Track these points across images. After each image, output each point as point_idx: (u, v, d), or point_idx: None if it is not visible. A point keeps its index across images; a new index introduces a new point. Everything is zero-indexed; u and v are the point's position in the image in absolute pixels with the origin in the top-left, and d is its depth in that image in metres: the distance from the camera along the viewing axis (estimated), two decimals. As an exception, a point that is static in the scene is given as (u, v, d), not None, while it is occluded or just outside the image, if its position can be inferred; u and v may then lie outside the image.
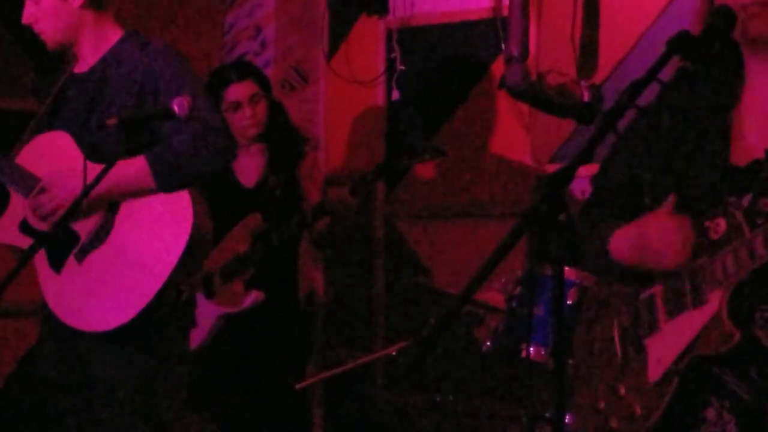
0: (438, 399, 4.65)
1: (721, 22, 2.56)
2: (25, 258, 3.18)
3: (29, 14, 3.70)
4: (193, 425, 4.73)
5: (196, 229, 3.57)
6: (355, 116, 5.71)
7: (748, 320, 2.56)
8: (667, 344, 2.68)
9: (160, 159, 3.54)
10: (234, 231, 4.60)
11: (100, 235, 3.63)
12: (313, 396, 5.41)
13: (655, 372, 2.69)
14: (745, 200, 2.57)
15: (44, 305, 3.76)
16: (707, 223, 2.61)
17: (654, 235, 2.68)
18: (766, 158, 2.59)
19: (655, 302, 2.72)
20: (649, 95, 2.56)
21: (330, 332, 5.66)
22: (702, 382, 2.64)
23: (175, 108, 3.37)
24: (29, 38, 4.13)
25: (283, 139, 4.93)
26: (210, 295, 4.56)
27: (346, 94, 5.71)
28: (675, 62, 2.61)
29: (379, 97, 5.62)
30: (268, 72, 5.21)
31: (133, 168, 3.54)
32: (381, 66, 5.61)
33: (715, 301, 2.57)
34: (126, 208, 3.61)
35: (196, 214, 3.59)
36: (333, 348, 5.56)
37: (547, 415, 3.85)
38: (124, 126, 3.44)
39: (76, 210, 3.41)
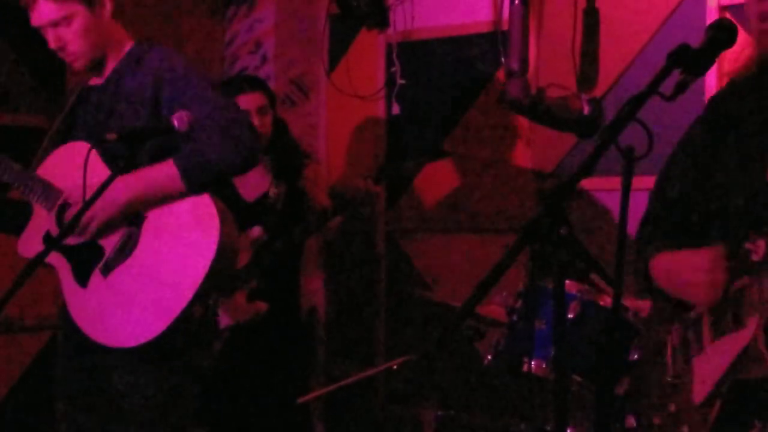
0: (440, 413, 4.65)
1: (722, 35, 2.57)
2: (26, 271, 3.15)
3: (56, 38, 3.64)
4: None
5: (222, 242, 3.55)
6: (356, 130, 5.71)
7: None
8: (711, 366, 2.68)
9: (188, 160, 3.53)
10: (235, 243, 4.61)
11: (126, 249, 3.61)
12: (314, 410, 5.41)
13: (700, 393, 2.70)
14: None
15: (65, 319, 3.74)
16: (748, 245, 2.61)
17: (688, 272, 2.69)
18: None
19: (702, 322, 2.73)
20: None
21: (332, 346, 5.66)
22: (746, 403, 2.65)
23: (175, 123, 3.37)
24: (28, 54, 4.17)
25: (285, 154, 4.96)
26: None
27: (346, 109, 5.72)
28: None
29: (379, 111, 5.63)
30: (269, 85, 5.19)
31: (162, 171, 3.54)
32: (381, 80, 5.62)
33: (752, 325, 2.58)
34: (151, 221, 3.60)
35: (222, 225, 3.56)
36: (335, 362, 5.55)
37: (548, 428, 3.86)
38: (123, 141, 3.45)
39: (77, 221, 3.37)
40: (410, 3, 5.51)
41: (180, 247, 3.57)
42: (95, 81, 3.80)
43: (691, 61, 2.51)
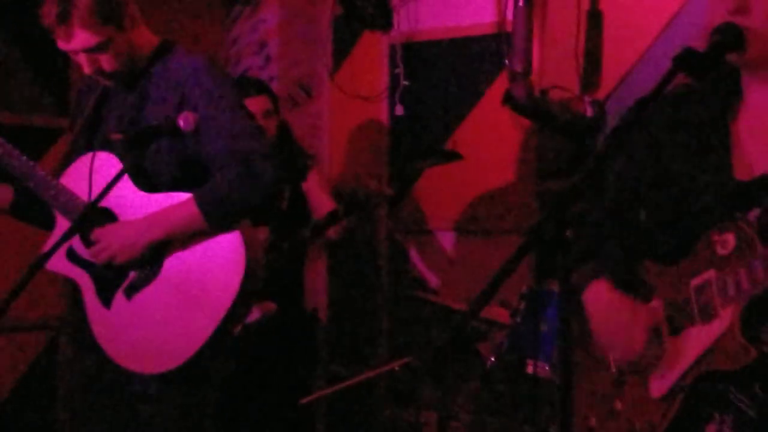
0: (442, 414, 4.66)
1: (728, 38, 2.58)
2: (29, 275, 3.15)
3: (92, 61, 3.58)
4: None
5: (250, 260, 3.53)
6: (359, 131, 5.72)
7: (756, 337, 2.58)
8: (672, 360, 2.69)
9: (208, 199, 3.51)
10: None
11: (151, 273, 3.59)
12: (317, 411, 5.41)
13: (659, 388, 2.70)
14: (752, 216, 2.59)
15: (81, 329, 3.71)
16: (715, 238, 2.62)
17: (608, 318, 2.73)
18: None
19: (656, 317, 2.74)
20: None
21: (334, 347, 5.67)
22: (705, 397, 2.66)
23: (181, 123, 3.38)
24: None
25: (289, 156, 4.96)
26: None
27: (349, 110, 5.73)
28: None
29: (382, 112, 5.64)
30: (273, 87, 5.21)
31: (184, 212, 3.51)
32: (385, 81, 5.63)
33: (727, 316, 2.58)
34: (177, 243, 3.58)
35: (246, 239, 3.56)
36: (337, 363, 5.57)
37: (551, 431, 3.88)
38: (133, 139, 3.46)
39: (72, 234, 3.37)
40: (414, 4, 5.53)
41: (207, 265, 3.56)
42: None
43: (696, 64, 2.53)
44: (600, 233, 2.85)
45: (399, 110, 5.55)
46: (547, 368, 3.75)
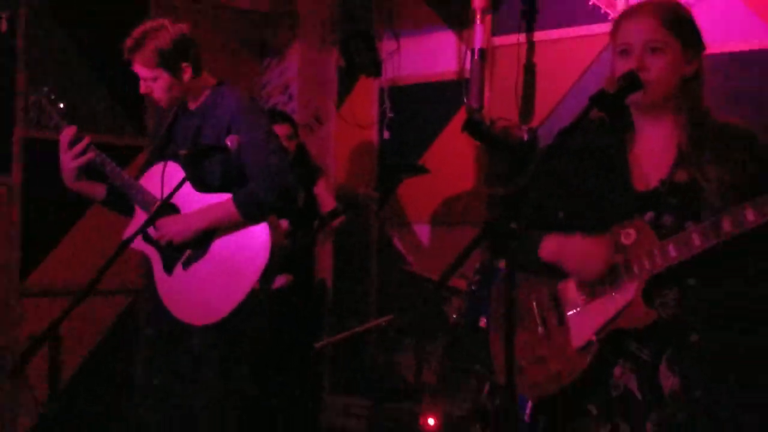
0: (418, 358, 4.66)
1: (631, 83, 2.56)
2: (116, 254, 3.13)
3: (146, 87, 3.63)
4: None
5: (274, 242, 3.56)
6: (356, 150, 5.71)
7: (652, 305, 2.57)
8: (588, 320, 2.67)
9: (243, 200, 3.52)
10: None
11: (203, 250, 3.59)
12: (324, 357, 5.39)
13: (578, 340, 2.68)
14: (648, 217, 2.58)
15: (152, 294, 3.72)
16: (620, 232, 2.61)
17: (582, 248, 2.67)
18: (661, 186, 2.59)
19: (570, 290, 2.72)
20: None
21: (337, 308, 5.66)
22: (612, 348, 2.64)
23: (228, 143, 3.40)
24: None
25: (305, 168, 4.97)
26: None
27: (349, 134, 5.72)
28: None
29: (373, 136, 5.63)
30: (294, 117, 5.22)
31: (226, 209, 3.53)
32: (375, 114, 5.62)
33: (632, 289, 2.56)
34: (220, 228, 3.60)
35: (272, 231, 3.57)
36: (340, 319, 5.55)
37: (491, 372, 3.83)
38: (193, 155, 3.47)
39: (155, 218, 3.44)
40: (397, 58, 5.52)
41: (243, 250, 3.56)
42: (191, 105, 3.75)
43: (606, 102, 2.52)
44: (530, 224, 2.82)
45: (386, 135, 5.56)
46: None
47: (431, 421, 4.46)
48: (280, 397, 4.86)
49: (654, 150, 2.64)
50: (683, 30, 2.59)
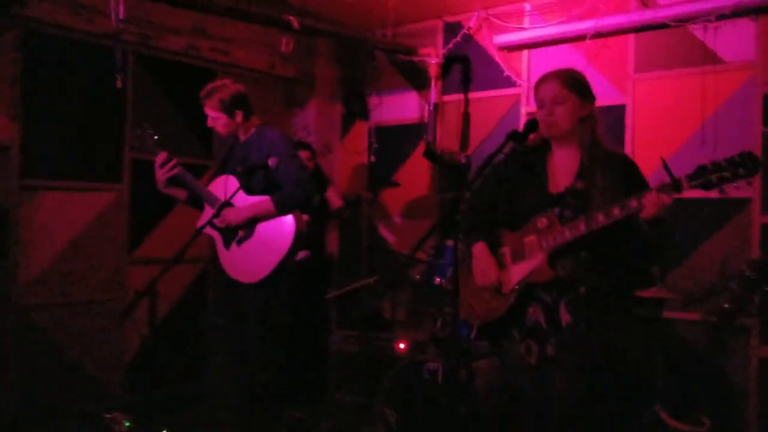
0: (392, 303, 4.63)
1: (532, 126, 2.59)
2: (194, 236, 3.15)
3: (212, 122, 3.65)
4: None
5: (298, 228, 3.54)
6: (353, 168, 5.68)
7: (554, 267, 2.58)
8: (514, 275, 2.70)
9: (279, 200, 3.51)
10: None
11: (250, 232, 3.58)
12: (331, 306, 5.39)
13: (506, 287, 2.70)
14: (555, 211, 2.60)
15: (217, 265, 3.70)
16: (537, 220, 2.63)
17: (480, 264, 2.72)
18: (566, 191, 2.62)
19: (505, 255, 2.74)
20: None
21: (341, 272, 5.66)
22: (528, 293, 2.66)
23: (270, 163, 3.38)
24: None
25: (320, 181, 4.95)
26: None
27: (349, 158, 5.69)
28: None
29: (364, 159, 5.61)
30: (312, 146, 5.19)
31: (266, 206, 3.51)
32: (365, 144, 5.60)
33: (541, 257, 2.60)
34: (262, 218, 3.57)
35: (296, 220, 3.56)
36: (342, 279, 5.55)
37: (443, 312, 3.85)
38: (245, 171, 3.45)
39: (219, 213, 3.43)
40: (380, 108, 5.52)
41: (277, 232, 3.54)
42: (241, 138, 3.76)
43: (518, 137, 2.55)
44: (476, 219, 2.83)
45: (372, 159, 5.54)
46: (444, 282, 3.72)
47: (402, 346, 4.46)
48: (303, 329, 4.85)
49: (563, 166, 2.67)
50: (578, 87, 2.62)
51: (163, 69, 4.83)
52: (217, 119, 3.63)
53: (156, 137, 3.70)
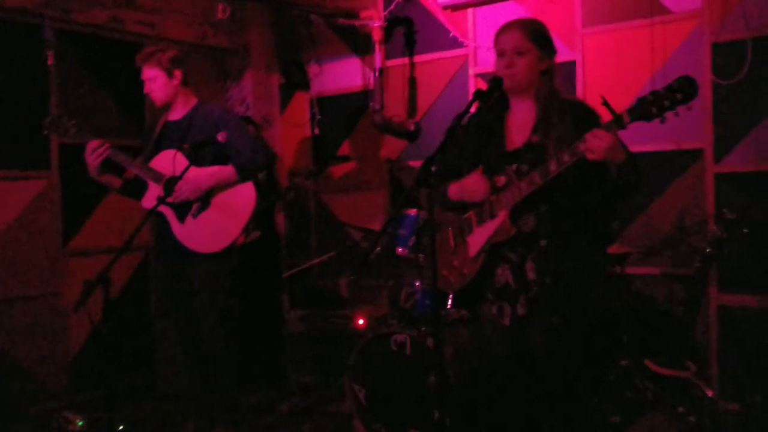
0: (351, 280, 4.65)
1: (496, 84, 2.63)
2: (146, 218, 3.11)
3: (148, 88, 3.63)
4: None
5: (258, 197, 3.59)
6: (296, 143, 5.62)
7: (516, 224, 2.64)
8: (479, 237, 2.74)
9: (242, 166, 3.55)
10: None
11: (206, 203, 3.57)
12: (284, 286, 5.37)
13: (473, 251, 2.75)
14: (513, 168, 2.65)
15: (165, 241, 3.67)
16: (496, 179, 2.68)
17: (470, 184, 2.73)
18: (522, 147, 2.67)
19: (471, 219, 2.78)
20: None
21: (289, 248, 5.63)
22: (495, 254, 2.72)
23: (219, 138, 3.37)
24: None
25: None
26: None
27: (291, 132, 5.63)
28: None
29: (308, 132, 5.56)
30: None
31: (227, 172, 3.54)
32: (308, 116, 5.54)
33: (503, 215, 2.65)
34: (218, 187, 3.59)
35: (256, 189, 3.60)
36: (291, 258, 5.54)
37: (405, 283, 3.89)
38: (194, 146, 3.42)
39: (172, 189, 3.42)
40: (321, 77, 5.47)
41: (236, 202, 3.56)
42: (172, 117, 3.71)
43: (483, 96, 2.58)
44: (443, 178, 2.86)
45: (316, 131, 5.49)
46: (405, 252, 3.77)
47: (361, 322, 4.50)
48: (255, 312, 4.84)
49: (520, 122, 2.71)
50: (540, 39, 2.66)
51: (87, 46, 4.68)
52: (154, 80, 3.59)
53: (72, 122, 3.62)
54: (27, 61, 4.37)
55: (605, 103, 2.37)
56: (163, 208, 3.63)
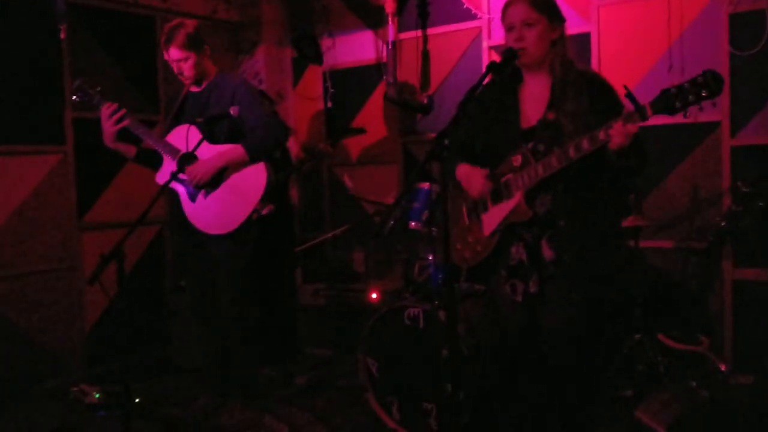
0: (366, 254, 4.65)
1: (512, 55, 2.61)
2: (159, 193, 3.13)
3: (179, 68, 3.60)
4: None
5: (269, 179, 3.56)
6: (309, 116, 5.62)
7: (532, 206, 2.64)
8: (494, 217, 2.75)
9: (252, 146, 3.50)
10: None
11: (217, 182, 3.57)
12: (298, 259, 5.39)
13: (488, 230, 2.76)
14: (530, 146, 2.64)
15: (179, 219, 3.67)
16: (512, 158, 2.67)
17: (472, 179, 2.75)
18: (537, 125, 2.65)
19: (486, 198, 2.78)
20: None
21: (303, 222, 5.65)
22: (510, 233, 2.72)
23: (232, 112, 3.36)
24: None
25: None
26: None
27: (304, 105, 5.63)
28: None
29: (320, 106, 5.55)
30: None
31: (238, 152, 3.50)
32: (320, 90, 5.53)
33: (519, 196, 2.65)
34: (231, 170, 3.57)
35: (268, 171, 3.56)
36: (305, 232, 5.56)
37: (419, 257, 3.90)
38: (208, 121, 3.42)
39: (190, 163, 3.40)
40: (334, 50, 5.46)
41: (247, 182, 3.54)
42: (194, 89, 3.70)
43: (498, 68, 2.56)
44: (456, 153, 2.86)
45: (329, 104, 5.49)
46: (418, 225, 3.76)
47: (374, 296, 4.52)
48: (268, 286, 4.88)
49: (534, 97, 2.69)
50: (548, 8, 2.63)
51: (99, 20, 4.68)
52: (186, 60, 3.55)
53: (98, 88, 3.61)
54: (40, 36, 4.38)
55: (629, 95, 2.33)
56: (175, 185, 3.64)
